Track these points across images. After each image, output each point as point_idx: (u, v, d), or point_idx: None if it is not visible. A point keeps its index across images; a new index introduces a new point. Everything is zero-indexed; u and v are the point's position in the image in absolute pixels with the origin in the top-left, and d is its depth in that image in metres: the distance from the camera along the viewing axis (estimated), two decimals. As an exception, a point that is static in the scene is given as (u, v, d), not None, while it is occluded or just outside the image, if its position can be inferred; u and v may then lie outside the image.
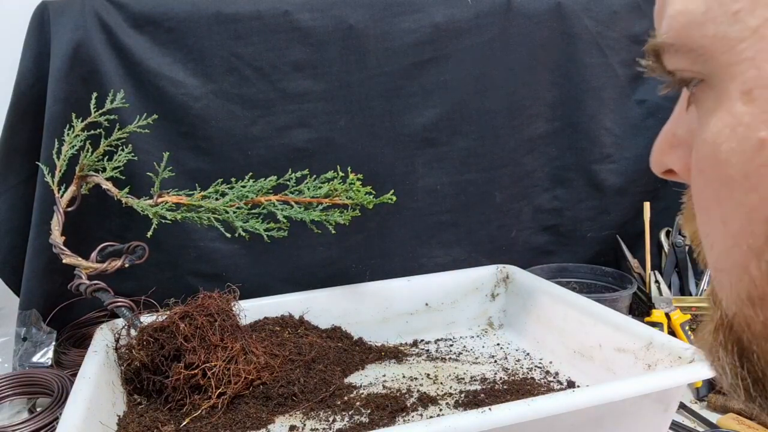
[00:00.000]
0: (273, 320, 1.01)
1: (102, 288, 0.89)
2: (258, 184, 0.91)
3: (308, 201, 0.92)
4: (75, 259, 0.86)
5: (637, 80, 1.25)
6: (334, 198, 0.92)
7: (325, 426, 0.83)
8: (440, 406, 0.87)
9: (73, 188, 0.89)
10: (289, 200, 0.92)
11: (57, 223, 0.87)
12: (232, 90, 1.07)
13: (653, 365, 0.85)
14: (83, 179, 0.89)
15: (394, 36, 1.11)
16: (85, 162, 0.88)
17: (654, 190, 1.30)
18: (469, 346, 1.08)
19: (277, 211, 0.90)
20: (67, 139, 0.90)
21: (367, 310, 1.09)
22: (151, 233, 0.86)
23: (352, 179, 0.93)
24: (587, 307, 0.98)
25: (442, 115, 1.17)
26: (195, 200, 0.89)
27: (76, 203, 0.89)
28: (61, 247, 0.86)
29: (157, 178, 0.88)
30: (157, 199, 0.88)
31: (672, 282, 1.24)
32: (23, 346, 1.04)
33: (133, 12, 1.02)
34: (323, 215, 0.92)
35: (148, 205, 0.87)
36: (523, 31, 1.17)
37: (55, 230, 0.86)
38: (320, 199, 0.92)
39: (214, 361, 0.83)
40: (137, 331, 0.87)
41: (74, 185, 0.89)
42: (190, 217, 0.89)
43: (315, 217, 0.91)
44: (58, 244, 0.86)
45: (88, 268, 0.87)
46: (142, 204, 0.87)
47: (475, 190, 1.23)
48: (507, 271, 1.17)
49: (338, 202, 0.93)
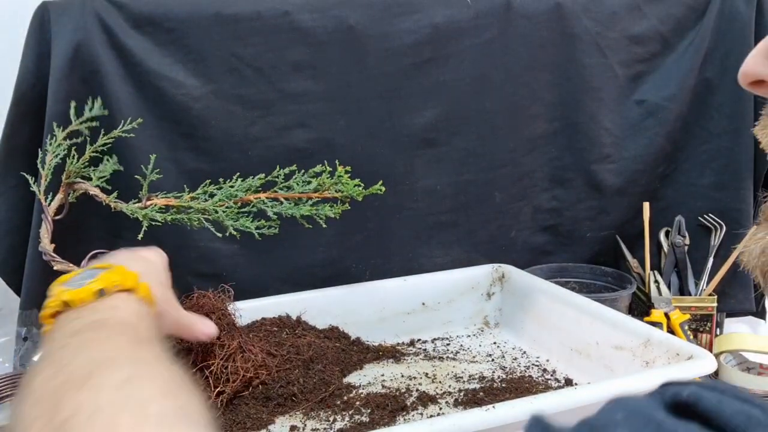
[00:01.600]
0: (270, 321, 1.01)
1: None
2: (246, 183, 0.91)
3: (297, 197, 0.92)
4: (66, 266, 0.86)
5: (636, 80, 1.25)
6: (324, 192, 0.93)
7: (325, 426, 0.83)
8: (440, 405, 0.87)
9: (60, 196, 0.88)
10: (279, 197, 0.92)
11: (46, 231, 0.86)
12: (232, 90, 1.07)
13: (651, 362, 0.85)
14: (70, 186, 0.88)
15: (393, 36, 1.11)
16: (71, 169, 0.87)
17: (653, 190, 1.30)
18: (466, 345, 1.09)
19: (267, 208, 0.90)
20: (50, 148, 0.89)
21: (364, 310, 1.09)
22: (141, 236, 0.86)
23: (340, 172, 0.93)
24: (584, 305, 0.99)
25: (442, 115, 1.17)
26: (184, 201, 0.89)
27: (64, 211, 0.89)
28: (51, 254, 0.86)
29: (145, 180, 0.88)
30: (146, 201, 0.88)
31: (671, 282, 1.24)
32: (24, 345, 1.04)
33: (134, 12, 1.02)
34: (313, 210, 0.92)
35: (137, 208, 0.87)
36: (523, 32, 1.17)
37: (44, 239, 0.86)
38: (309, 194, 0.92)
39: (211, 359, 0.83)
40: None
41: (61, 193, 0.88)
42: (180, 218, 0.89)
43: (305, 212, 0.91)
44: (48, 251, 0.85)
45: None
46: (132, 207, 0.87)
47: (475, 190, 1.23)
48: (502, 270, 1.17)
49: (328, 196, 0.93)
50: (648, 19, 1.22)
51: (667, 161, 1.29)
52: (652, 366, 0.85)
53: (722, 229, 1.24)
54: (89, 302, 0.56)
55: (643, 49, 1.24)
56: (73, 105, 0.91)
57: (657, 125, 1.25)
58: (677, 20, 1.23)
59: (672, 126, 1.25)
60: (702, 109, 1.26)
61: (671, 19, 1.23)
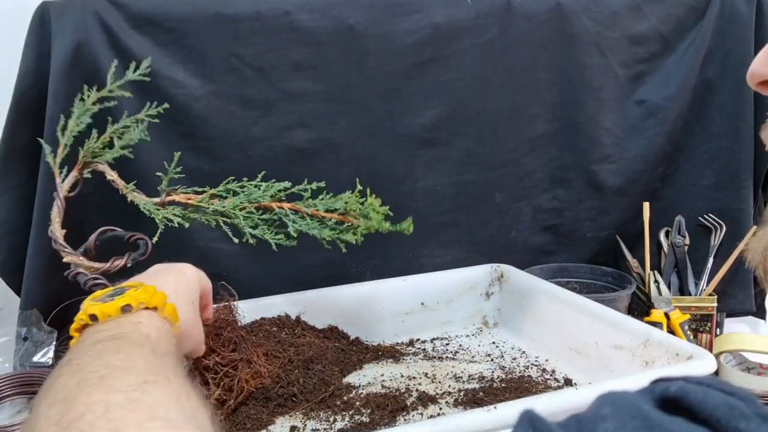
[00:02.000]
0: (270, 321, 1.01)
1: (101, 284, 0.87)
2: (271, 188, 0.87)
3: (321, 215, 0.89)
4: (76, 258, 0.83)
5: (636, 80, 1.25)
6: (348, 216, 0.90)
7: (326, 426, 0.83)
8: (440, 405, 0.87)
9: (75, 173, 0.82)
10: (302, 211, 0.88)
11: (57, 213, 0.81)
12: (233, 90, 1.07)
13: (651, 362, 0.85)
14: (87, 166, 0.83)
15: (394, 36, 1.11)
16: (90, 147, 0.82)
17: (654, 190, 1.30)
18: (465, 345, 1.09)
19: (288, 222, 0.86)
20: (76, 110, 0.83)
21: (363, 310, 1.09)
22: (156, 238, 0.85)
23: (370, 202, 0.89)
24: (583, 305, 0.99)
25: (442, 115, 1.17)
26: (204, 200, 0.85)
27: (78, 188, 0.84)
28: (62, 242, 0.81)
29: (166, 176, 0.85)
30: (165, 197, 0.84)
31: (671, 282, 1.24)
32: (24, 345, 1.04)
33: (134, 12, 1.02)
34: (336, 234, 0.89)
35: (154, 205, 0.84)
36: (523, 32, 1.17)
37: (55, 222, 0.80)
38: (333, 214, 0.89)
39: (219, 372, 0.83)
40: None
41: (76, 171, 0.82)
42: (197, 218, 0.86)
43: (327, 236, 0.88)
44: (58, 238, 0.80)
45: (89, 267, 0.84)
46: (149, 206, 0.84)
47: (475, 191, 1.23)
48: (501, 270, 1.17)
49: (352, 221, 0.90)
50: (648, 19, 1.22)
51: (667, 161, 1.29)
52: (651, 366, 0.85)
53: (722, 229, 1.24)
54: (114, 317, 0.58)
55: (643, 49, 1.24)
56: (114, 65, 0.85)
57: (657, 125, 1.25)
58: (677, 20, 1.23)
59: (672, 126, 1.25)
60: (702, 109, 1.26)
61: (671, 19, 1.23)
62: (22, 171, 1.03)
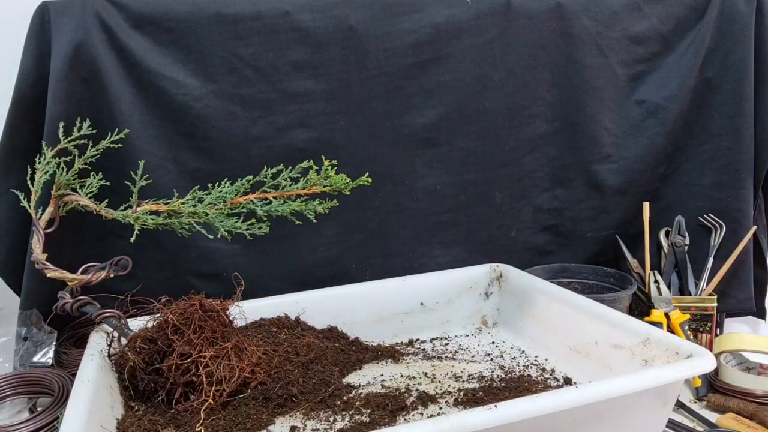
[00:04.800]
0: (269, 321, 1.01)
1: (87, 302, 0.90)
2: (235, 185, 0.92)
3: (286, 195, 0.92)
4: (59, 273, 0.88)
5: (636, 80, 1.25)
6: (311, 188, 0.93)
7: (326, 426, 0.83)
8: (440, 405, 0.87)
9: (51, 209, 0.89)
10: (267, 196, 0.92)
11: (38, 242, 0.88)
12: (233, 90, 1.07)
13: (650, 361, 0.85)
14: (60, 199, 0.89)
15: (394, 36, 1.11)
16: (60, 180, 0.88)
17: (654, 190, 1.30)
18: (464, 345, 1.09)
19: (256, 208, 0.91)
20: (39, 166, 0.90)
21: (363, 310, 1.09)
22: (139, 237, 0.87)
23: (326, 166, 0.93)
24: (582, 304, 0.99)
25: (442, 115, 1.17)
26: (173, 206, 0.90)
27: (55, 224, 0.90)
28: (44, 262, 0.87)
29: (135, 186, 0.89)
30: (136, 208, 0.89)
31: (671, 282, 1.24)
32: (24, 345, 1.04)
33: (134, 12, 1.02)
34: (302, 206, 0.92)
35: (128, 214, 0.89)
36: (523, 32, 1.17)
37: (36, 249, 0.87)
38: (297, 191, 0.92)
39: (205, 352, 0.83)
40: (127, 339, 0.87)
41: (51, 206, 0.89)
42: (170, 223, 0.90)
43: (294, 208, 0.91)
44: (41, 260, 0.87)
45: (73, 280, 0.88)
46: (123, 214, 0.88)
47: (475, 190, 1.23)
48: (500, 270, 1.17)
49: (316, 191, 0.93)
50: (648, 18, 1.22)
51: (667, 161, 1.29)
52: (651, 365, 0.85)
53: (722, 229, 1.24)
54: None
55: (643, 49, 1.24)
56: (62, 125, 0.91)
57: (657, 125, 1.25)
58: (677, 20, 1.23)
59: (672, 126, 1.25)
60: (702, 109, 1.26)
61: (671, 18, 1.23)
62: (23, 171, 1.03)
